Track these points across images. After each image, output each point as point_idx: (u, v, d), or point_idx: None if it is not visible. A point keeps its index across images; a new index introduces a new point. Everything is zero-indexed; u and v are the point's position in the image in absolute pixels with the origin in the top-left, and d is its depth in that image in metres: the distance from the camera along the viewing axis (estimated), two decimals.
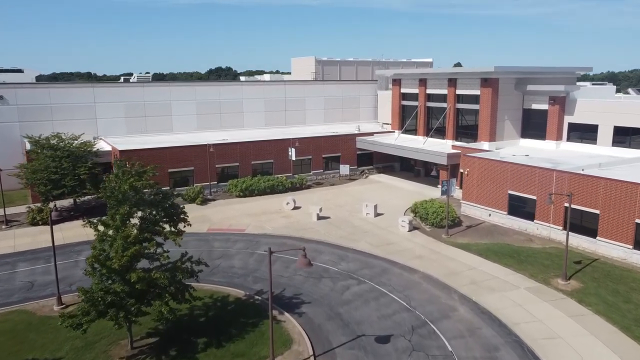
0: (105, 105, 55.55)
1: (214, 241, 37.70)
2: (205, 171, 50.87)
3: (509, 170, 39.03)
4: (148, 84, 58.10)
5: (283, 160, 55.27)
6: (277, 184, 51.61)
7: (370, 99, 71.53)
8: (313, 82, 69.71)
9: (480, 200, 41.70)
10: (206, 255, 34.77)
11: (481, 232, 38.77)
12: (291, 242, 37.07)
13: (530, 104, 50.64)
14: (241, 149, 53.02)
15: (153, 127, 58.25)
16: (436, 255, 34.02)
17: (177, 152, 49.66)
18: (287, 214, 44.07)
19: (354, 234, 38.61)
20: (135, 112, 57.14)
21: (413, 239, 37.41)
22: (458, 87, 52.74)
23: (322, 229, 39.88)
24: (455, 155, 47.60)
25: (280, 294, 28.63)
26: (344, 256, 34.34)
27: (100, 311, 20.03)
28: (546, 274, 30.48)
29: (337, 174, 58.90)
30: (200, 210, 45.52)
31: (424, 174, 58.56)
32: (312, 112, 68.20)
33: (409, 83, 59.53)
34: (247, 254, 35.07)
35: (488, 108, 49.22)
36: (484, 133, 50.00)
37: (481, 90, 49.76)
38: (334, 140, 58.78)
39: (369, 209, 42.88)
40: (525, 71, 49.93)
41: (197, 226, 40.82)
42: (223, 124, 62.31)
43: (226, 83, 61.80)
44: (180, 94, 59.36)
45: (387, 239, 37.25)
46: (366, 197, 49.02)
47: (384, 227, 40.11)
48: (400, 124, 61.55)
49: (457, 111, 53.60)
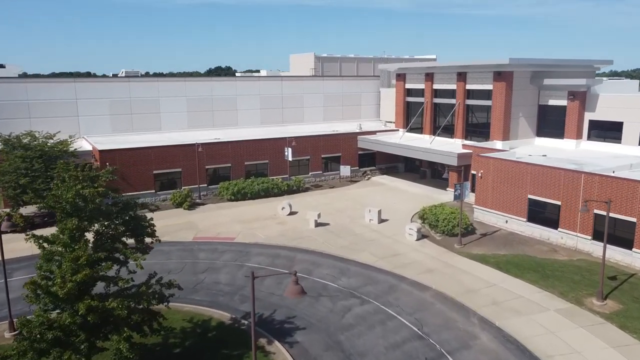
0: (88, 101, 51.51)
1: (199, 251, 33.70)
2: (193, 173, 46.88)
3: (529, 172, 35.00)
4: (134, 79, 54.12)
5: (279, 161, 51.30)
6: (272, 187, 47.63)
7: (373, 96, 67.49)
8: (312, 77, 65.72)
9: (496, 206, 37.68)
10: (190, 268, 30.85)
11: (498, 241, 34.75)
12: (285, 253, 33.07)
13: (547, 100, 46.61)
14: (233, 148, 49.04)
15: (140, 126, 54.22)
16: (449, 269, 30.01)
17: (163, 152, 45.67)
18: (282, 220, 40.06)
19: (356, 243, 34.61)
20: (121, 109, 53.10)
21: (422, 249, 33.40)
22: (468, 82, 48.71)
23: (320, 237, 35.89)
24: (466, 155, 43.59)
25: (270, 317, 24.64)
26: (345, 270, 30.33)
27: (40, 350, 16.02)
28: (577, 292, 26.46)
29: (337, 175, 54.91)
30: (187, 216, 41.54)
31: (430, 176, 54.56)
32: (311, 110, 64.15)
33: (414, 78, 55.51)
34: (236, 266, 31.07)
35: (501, 104, 45.20)
36: (496, 131, 45.98)
37: (494, 85, 45.73)
38: (334, 139, 54.78)
39: (372, 214, 38.88)
40: (541, 64, 45.88)
41: (182, 234, 36.96)
42: (216, 122, 58.27)
43: (219, 79, 57.85)
44: (169, 90, 55.33)
45: (393, 250, 33.26)
46: (369, 201, 45.02)
47: (390, 235, 36.11)
48: (405, 122, 57.54)
49: (467, 108, 49.58)
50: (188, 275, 29.80)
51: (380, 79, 67.95)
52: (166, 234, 36.87)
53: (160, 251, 33.57)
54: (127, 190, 44.26)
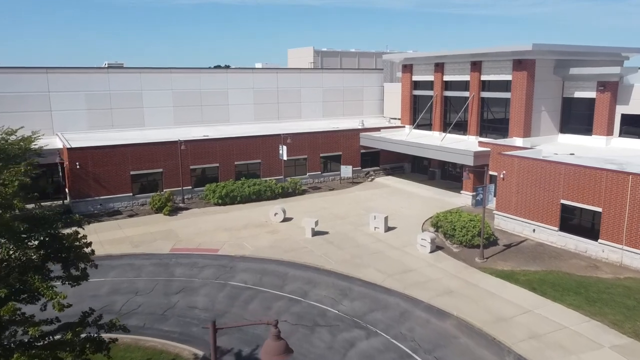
0: (63, 94, 46.49)
1: (176, 266, 28.69)
2: (176, 174, 41.87)
3: (563, 173, 29.97)
4: (114, 70, 49.16)
5: (273, 160, 46.31)
6: (264, 190, 42.60)
7: (376, 91, 62.46)
8: (310, 70, 60.73)
9: (521, 212, 32.66)
10: (162, 287, 25.82)
11: (526, 254, 29.73)
12: (276, 269, 28.05)
13: (573, 92, 41.58)
14: (222, 146, 44.03)
15: (121, 122, 49.21)
16: (472, 289, 24.99)
17: (141, 150, 40.65)
18: (274, 228, 35.04)
19: (359, 256, 29.59)
20: (99, 103, 48.08)
21: (437, 263, 28.38)
22: (484, 72, 43.68)
23: (317, 248, 30.88)
24: (483, 154, 38.57)
25: (253, 355, 19.64)
26: (347, 290, 25.32)
27: None
28: (635, 322, 21.44)
29: (337, 176, 49.94)
30: (167, 223, 36.53)
31: (440, 177, 49.56)
32: (309, 105, 59.14)
33: (423, 69, 50.49)
34: (217, 286, 26.06)
35: (522, 96, 40.16)
36: (516, 127, 40.94)
37: (513, 75, 40.69)
38: (334, 136, 49.77)
39: (378, 221, 33.87)
40: (567, 51, 40.77)
41: (159, 244, 31.98)
42: (205, 118, 53.26)
43: (208, 70, 52.89)
44: (153, 83, 50.33)
45: (404, 264, 28.24)
46: (373, 206, 40.01)
47: (399, 246, 31.09)
48: (412, 117, 52.51)
49: (482, 101, 44.55)
50: (158, 297, 24.81)
51: (384, 72, 62.97)
52: (140, 245, 31.97)
53: (130, 266, 28.66)
54: (100, 193, 39.33)
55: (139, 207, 40.53)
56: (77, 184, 38.41)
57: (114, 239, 33.10)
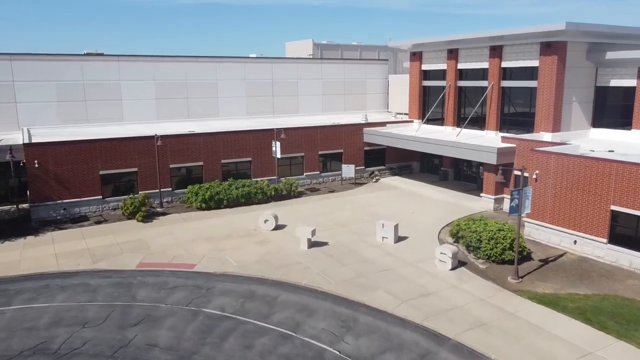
0: (29, 85, 41.24)
1: (141, 287, 23.39)
2: (153, 174, 36.58)
3: (614, 173, 24.64)
4: (89, 57, 43.84)
5: (265, 158, 41.05)
6: (255, 192, 37.29)
7: (380, 84, 57.16)
8: (308, 60, 55.40)
9: (559, 219, 27.34)
10: (117, 317, 20.54)
11: (568, 272, 24.40)
12: (263, 291, 22.74)
13: (608, 80, 36.25)
14: (206, 143, 38.73)
15: (97, 116, 43.97)
16: (510, 321, 19.67)
17: (112, 146, 35.35)
18: (263, 238, 29.74)
19: (365, 274, 24.28)
20: (72, 95, 42.84)
21: (462, 284, 23.06)
22: (505, 58, 38.36)
23: (314, 264, 25.57)
24: (507, 151, 33.28)
25: None
26: (351, 321, 20.02)
27: None
28: None
29: (338, 176, 44.67)
30: (139, 231, 31.23)
31: (453, 177, 44.28)
32: (307, 99, 53.87)
33: (434, 56, 45.16)
34: (187, 315, 20.76)
35: (551, 85, 34.86)
36: (544, 120, 35.65)
37: (541, 60, 35.38)
38: (335, 132, 44.48)
39: (387, 230, 28.55)
40: (604, 32, 35.39)
41: (124, 259, 26.69)
42: (192, 113, 48.06)
43: (195, 59, 47.60)
44: (133, 72, 45.08)
45: (421, 285, 22.92)
46: (379, 211, 34.74)
47: (412, 261, 25.77)
48: (421, 111, 47.23)
49: (503, 91, 39.24)
50: (111, 330, 19.52)
51: (388, 63, 57.73)
52: (102, 259, 26.69)
53: (84, 287, 23.42)
54: (64, 196, 34.06)
55: (109, 212, 35.25)
56: (37, 185, 33.13)
57: (73, 251, 27.81)
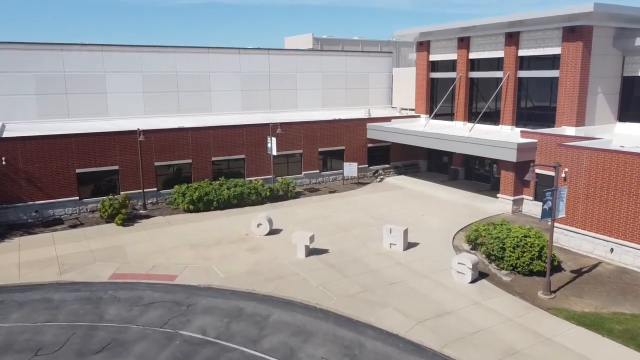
0: (5, 76, 38.03)
1: (111, 304, 20.09)
2: (136, 172, 33.29)
3: None
4: (70, 47, 40.57)
5: (260, 156, 37.78)
6: (248, 192, 33.99)
7: (383, 77, 53.88)
8: (307, 52, 52.10)
9: (592, 224, 24.03)
10: (79, 341, 17.24)
11: (607, 285, 21.07)
12: (252, 309, 19.42)
13: (637, 69, 32.95)
14: (195, 138, 35.45)
15: (79, 110, 40.72)
16: (547, 348, 16.34)
17: (90, 142, 32.06)
18: (256, 245, 26.42)
19: (371, 288, 20.96)
20: (52, 87, 39.61)
21: (486, 300, 19.74)
22: (522, 45, 35.04)
23: (313, 275, 22.26)
24: (528, 147, 29.97)
25: None
26: (356, 347, 16.70)
27: None
28: None
29: (339, 176, 41.39)
30: (117, 237, 27.91)
31: (464, 176, 40.99)
32: (306, 93, 50.63)
33: (443, 45, 41.85)
34: (161, 339, 17.44)
35: (575, 74, 31.55)
36: (566, 113, 32.35)
37: (563, 47, 32.08)
38: (336, 127, 41.18)
39: (395, 236, 25.22)
40: (632, 17, 32.05)
41: (96, 268, 23.40)
42: (182, 107, 44.79)
43: (185, 49, 44.36)
44: (118, 63, 41.81)
45: (437, 302, 19.60)
46: (385, 214, 31.45)
47: (426, 272, 22.46)
48: (428, 106, 43.91)
49: (519, 82, 35.93)
50: (69, 358, 16.22)
51: (392, 55, 54.43)
52: (71, 269, 23.39)
53: (46, 303, 20.16)
54: (36, 196, 30.77)
55: (87, 214, 31.96)
56: (5, 185, 29.84)
57: (40, 259, 24.51)
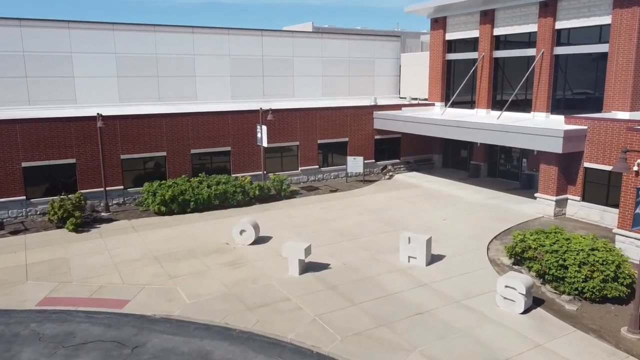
0: None
1: (29, 342, 14.49)
2: (97, 167, 27.72)
3: None
4: (29, 22, 35.11)
5: (249, 148, 32.24)
6: (233, 191, 28.38)
7: (390, 64, 48.20)
8: (306, 34, 46.54)
9: None
10: None
11: None
12: (218, 352, 13.79)
13: None
14: (171, 126, 29.89)
15: (41, 96, 35.06)
16: None
17: (38, 130, 26.50)
18: (237, 257, 20.80)
19: (389, 320, 15.32)
20: (10, 69, 34.01)
21: (549, 342, 14.10)
22: (560, 16, 29.43)
23: (308, 302, 16.62)
24: (576, 135, 24.35)
25: None
26: None
27: None
28: None
29: (342, 172, 35.82)
30: (64, 247, 22.31)
31: (487, 173, 35.41)
32: (305, 80, 44.99)
33: (462, 21, 36.24)
34: None
35: (630, 47, 25.95)
36: (618, 95, 26.73)
37: (614, 15, 26.47)
38: (338, 115, 35.63)
39: (415, 247, 19.55)
40: None
41: (23, 290, 17.66)
42: (163, 94, 39.15)
43: (167, 28, 38.93)
44: (88, 43, 36.22)
45: (482, 345, 13.96)
46: (398, 218, 25.84)
47: (459, 297, 16.82)
48: (444, 92, 38.34)
49: (557, 61, 30.31)
50: None
51: (400, 40, 48.83)
52: None
53: None
54: None
55: (36, 217, 26.38)
56: None
57: None
